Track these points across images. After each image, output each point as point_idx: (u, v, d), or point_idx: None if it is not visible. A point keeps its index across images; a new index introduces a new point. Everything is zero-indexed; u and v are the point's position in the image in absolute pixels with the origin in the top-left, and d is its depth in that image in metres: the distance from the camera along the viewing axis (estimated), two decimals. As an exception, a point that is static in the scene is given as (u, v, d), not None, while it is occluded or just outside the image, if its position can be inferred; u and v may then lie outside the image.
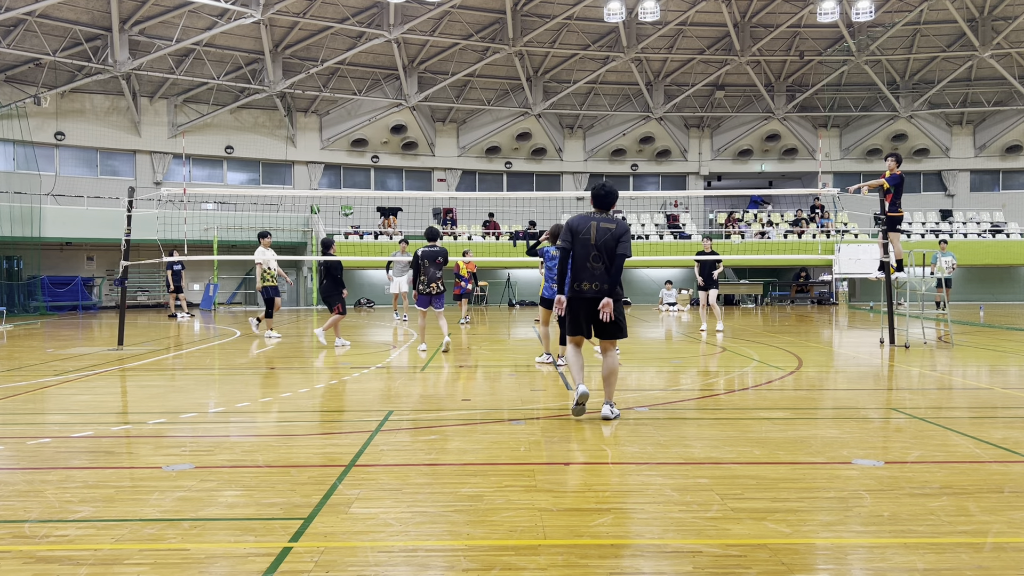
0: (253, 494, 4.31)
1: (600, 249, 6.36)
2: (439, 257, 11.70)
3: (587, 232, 6.40)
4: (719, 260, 16.18)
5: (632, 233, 32.83)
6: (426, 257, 11.72)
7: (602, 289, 6.34)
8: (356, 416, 6.80)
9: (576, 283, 6.42)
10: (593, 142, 35.91)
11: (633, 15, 30.77)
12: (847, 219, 33.51)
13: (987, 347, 12.77)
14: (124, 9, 27.26)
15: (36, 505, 4.12)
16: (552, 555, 3.39)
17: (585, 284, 6.38)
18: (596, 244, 6.36)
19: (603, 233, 6.38)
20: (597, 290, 6.35)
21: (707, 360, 11.11)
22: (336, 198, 32.15)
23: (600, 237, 6.37)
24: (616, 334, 6.43)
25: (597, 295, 6.34)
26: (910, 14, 31.19)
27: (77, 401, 7.63)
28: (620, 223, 6.47)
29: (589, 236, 6.38)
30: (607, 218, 6.50)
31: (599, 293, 6.34)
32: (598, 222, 6.44)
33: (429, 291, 11.78)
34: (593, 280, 6.36)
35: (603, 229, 6.40)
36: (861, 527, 3.74)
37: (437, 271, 11.75)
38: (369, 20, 30.13)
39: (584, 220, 6.50)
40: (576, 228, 6.47)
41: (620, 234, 6.39)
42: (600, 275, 6.35)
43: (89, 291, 27.95)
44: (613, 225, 6.43)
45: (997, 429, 5.96)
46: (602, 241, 6.36)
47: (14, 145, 27.19)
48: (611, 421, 6.29)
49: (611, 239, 6.35)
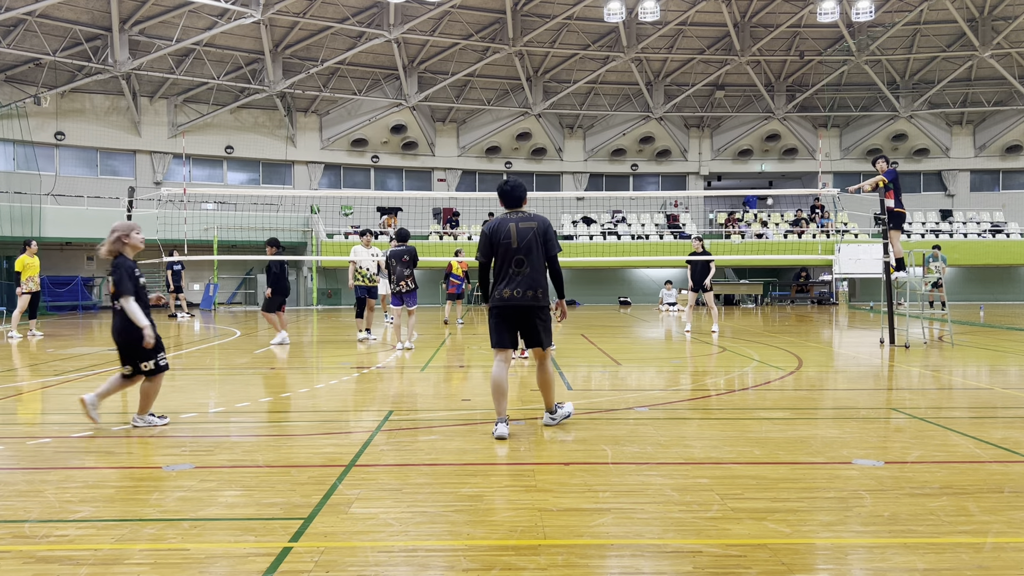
0: (253, 494, 4.30)
1: (523, 252, 5.80)
2: (405, 256, 12.20)
3: (507, 236, 5.82)
4: (711, 261, 15.62)
5: (632, 233, 33.09)
6: (393, 256, 12.30)
7: (529, 295, 5.78)
8: (356, 416, 6.79)
9: (499, 291, 5.83)
10: (593, 142, 35.91)
11: (633, 15, 30.78)
12: (847, 219, 33.52)
13: (987, 347, 12.77)
14: (124, 9, 27.26)
15: (36, 505, 4.11)
16: (552, 555, 3.39)
17: (507, 291, 5.79)
18: (519, 247, 5.80)
19: (525, 233, 5.83)
20: (521, 296, 5.78)
21: (707, 360, 11.11)
22: (336, 198, 32.16)
23: (522, 238, 5.82)
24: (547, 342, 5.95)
25: (525, 303, 5.79)
26: (910, 14, 31.19)
27: (77, 401, 7.62)
28: (541, 219, 5.93)
29: (510, 240, 5.81)
30: (525, 216, 5.93)
31: (529, 300, 5.79)
32: (516, 223, 5.87)
33: (399, 289, 12.28)
34: (516, 287, 5.77)
35: (524, 229, 5.84)
36: (861, 527, 3.74)
37: (405, 269, 12.24)
38: (369, 20, 30.13)
39: (501, 223, 5.91)
40: (494, 235, 5.88)
41: (544, 232, 5.88)
42: (524, 280, 5.78)
43: (89, 291, 27.95)
44: (534, 223, 5.88)
45: (997, 429, 5.96)
46: (524, 243, 5.81)
47: (14, 145, 27.20)
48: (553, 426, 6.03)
49: (534, 239, 5.82)
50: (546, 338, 5.93)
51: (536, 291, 5.81)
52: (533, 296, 5.80)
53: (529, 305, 5.81)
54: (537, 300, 5.83)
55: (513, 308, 5.82)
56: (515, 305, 5.80)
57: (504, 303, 5.81)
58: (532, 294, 5.80)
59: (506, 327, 5.88)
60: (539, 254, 5.84)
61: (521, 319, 5.87)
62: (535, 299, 5.82)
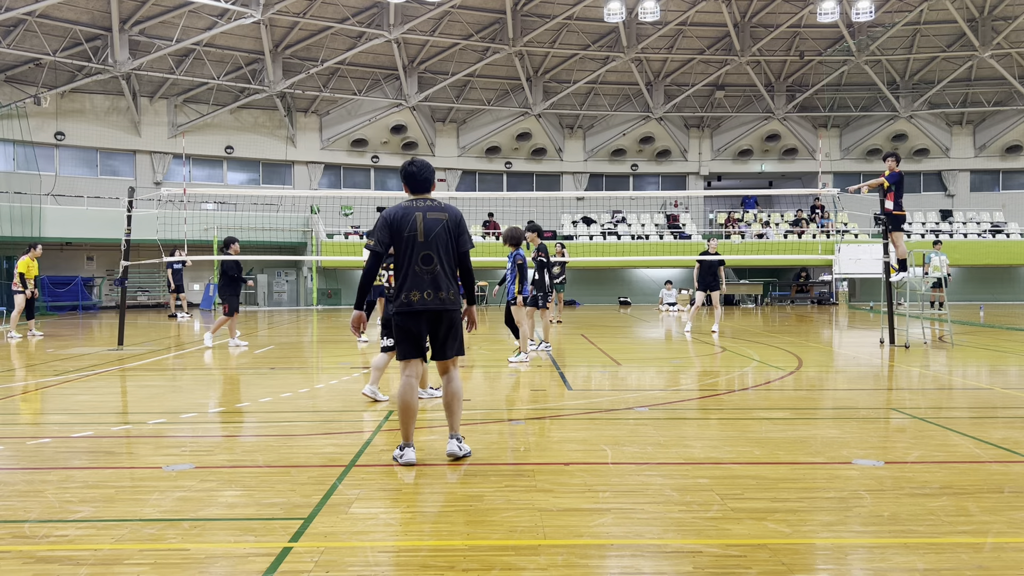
0: (253, 494, 4.31)
1: (431, 248, 4.97)
2: None
3: (412, 227, 4.95)
4: (722, 262, 15.82)
5: (632, 233, 33.09)
6: None
7: (440, 298, 4.96)
8: (356, 416, 6.79)
9: (405, 294, 4.96)
10: (593, 142, 35.91)
11: (633, 15, 30.77)
12: (847, 219, 33.52)
13: (987, 347, 12.77)
14: (124, 9, 27.25)
15: (36, 505, 4.11)
16: (552, 555, 3.39)
17: (415, 294, 4.93)
18: (426, 241, 4.97)
19: (433, 225, 4.99)
20: (431, 299, 4.94)
21: (707, 360, 11.11)
22: (336, 198, 32.15)
23: (429, 232, 4.98)
24: (460, 351, 5.16)
25: (435, 307, 4.95)
26: (910, 14, 31.19)
27: (77, 401, 7.63)
28: (452, 210, 5.13)
29: (416, 232, 4.95)
30: (433, 205, 5.08)
31: (439, 304, 4.96)
32: (424, 212, 5.01)
33: None
34: (425, 288, 4.94)
35: (432, 221, 5.00)
36: (861, 527, 3.74)
37: None
38: (369, 20, 30.13)
39: (405, 212, 5.00)
40: (396, 224, 4.98)
41: (456, 224, 5.08)
42: (434, 281, 4.96)
43: (89, 291, 27.96)
44: (444, 214, 5.06)
45: (997, 429, 5.96)
46: (432, 236, 4.98)
47: (14, 145, 27.19)
48: (461, 460, 5.02)
49: (443, 232, 5.01)
50: (457, 347, 5.13)
51: (448, 292, 5.01)
52: (444, 299, 4.99)
53: (440, 309, 4.98)
54: (448, 303, 5.01)
55: (425, 314, 4.98)
56: (429, 310, 4.96)
57: (414, 308, 4.94)
58: (444, 296, 4.98)
59: (414, 335, 5.00)
60: (449, 250, 5.05)
61: (431, 325, 5.04)
62: (445, 302, 4.99)
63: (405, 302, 4.96)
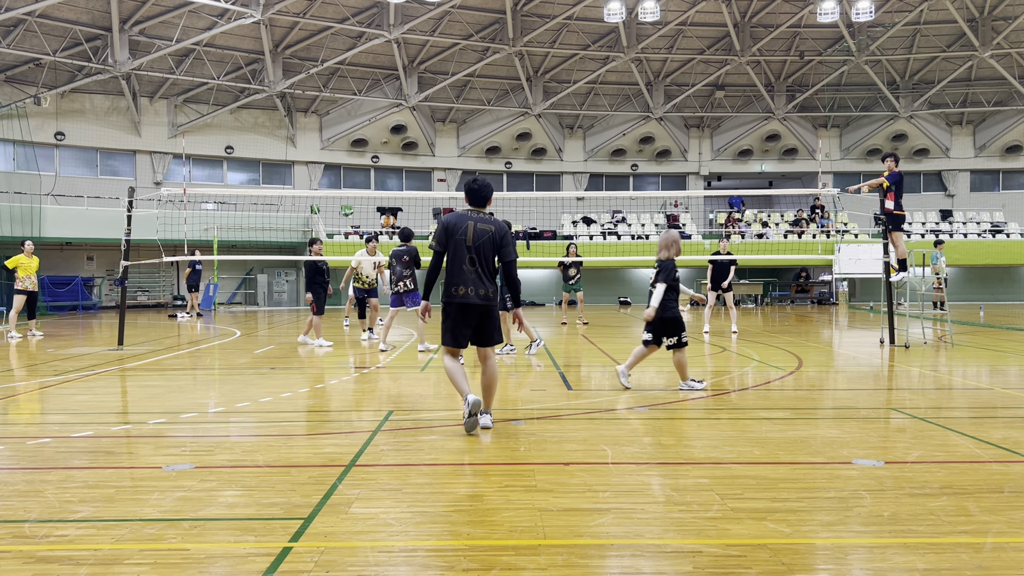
0: (253, 494, 4.30)
1: (476, 252, 5.84)
2: (405, 256, 12.33)
3: (463, 232, 5.86)
4: (734, 262, 15.76)
5: (632, 233, 33.08)
6: (393, 256, 12.46)
7: (480, 295, 5.82)
8: (356, 416, 6.79)
9: (452, 288, 5.85)
10: (593, 142, 35.91)
11: (633, 15, 30.78)
12: (847, 219, 33.52)
13: (987, 347, 12.77)
14: (124, 9, 27.26)
15: (36, 505, 4.11)
16: (552, 555, 3.39)
17: (461, 289, 5.81)
18: (472, 246, 5.84)
19: (481, 235, 5.87)
20: (473, 295, 5.81)
21: (707, 360, 11.11)
22: (336, 198, 32.16)
23: (477, 239, 5.85)
24: (499, 339, 6.08)
25: (475, 301, 5.81)
26: (910, 14, 31.19)
27: (77, 401, 7.63)
28: (499, 224, 5.98)
29: (465, 237, 5.85)
30: (484, 218, 5.97)
31: (479, 299, 5.82)
32: (475, 222, 5.90)
33: (398, 289, 12.36)
34: (468, 285, 5.80)
35: (481, 230, 5.87)
36: (861, 527, 3.74)
37: (405, 270, 12.34)
38: (369, 20, 30.13)
39: (461, 219, 5.94)
40: (452, 227, 5.90)
41: (501, 237, 5.92)
42: (475, 279, 5.81)
43: (89, 291, 27.95)
44: (492, 227, 5.92)
45: (997, 429, 5.96)
46: (479, 243, 5.85)
47: (14, 145, 27.19)
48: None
49: (488, 242, 5.87)
50: (496, 337, 6.01)
51: (488, 290, 5.86)
52: (483, 295, 5.84)
53: (479, 304, 5.83)
54: (486, 300, 5.86)
55: (467, 307, 5.83)
56: (471, 304, 5.82)
57: (458, 301, 5.83)
58: (484, 293, 5.83)
59: (461, 325, 5.89)
60: (491, 257, 5.91)
61: (473, 317, 5.87)
62: (484, 298, 5.84)
63: (452, 295, 5.84)
